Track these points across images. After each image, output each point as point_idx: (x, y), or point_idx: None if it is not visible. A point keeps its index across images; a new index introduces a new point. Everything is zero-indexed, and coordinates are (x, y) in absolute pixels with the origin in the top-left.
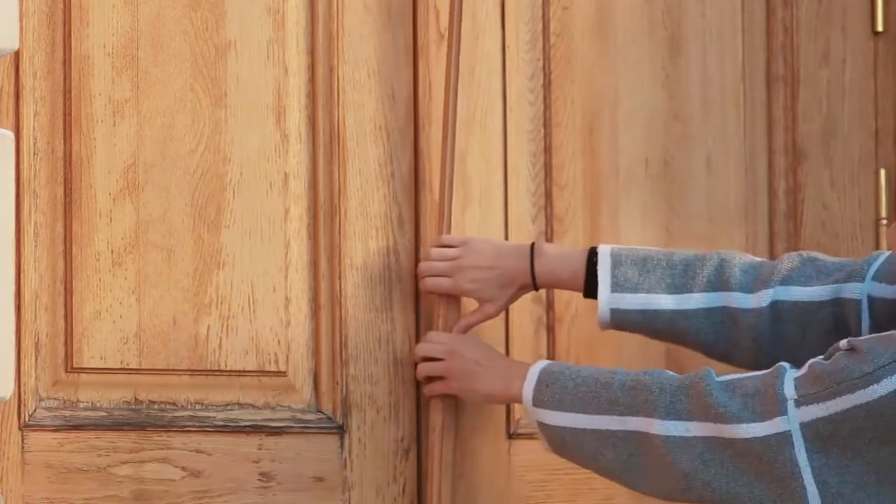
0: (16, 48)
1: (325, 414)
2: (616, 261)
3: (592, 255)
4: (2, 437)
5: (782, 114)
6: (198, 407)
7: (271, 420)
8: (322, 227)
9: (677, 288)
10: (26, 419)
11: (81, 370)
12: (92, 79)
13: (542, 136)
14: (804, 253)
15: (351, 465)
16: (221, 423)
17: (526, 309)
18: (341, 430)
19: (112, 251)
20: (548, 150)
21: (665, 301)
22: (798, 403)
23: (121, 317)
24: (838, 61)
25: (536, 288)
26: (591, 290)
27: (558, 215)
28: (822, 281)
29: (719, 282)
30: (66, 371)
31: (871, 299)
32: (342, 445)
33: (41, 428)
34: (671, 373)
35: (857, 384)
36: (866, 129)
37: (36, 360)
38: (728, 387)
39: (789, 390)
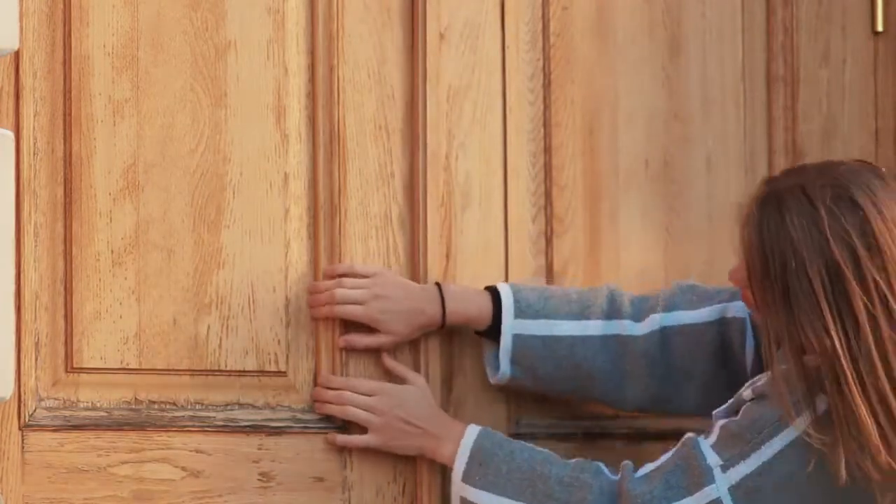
0: (16, 48)
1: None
2: (517, 291)
3: (495, 291)
4: (2, 437)
5: (782, 114)
6: (198, 407)
7: (271, 420)
8: (322, 227)
9: (575, 315)
10: (26, 419)
11: (81, 370)
12: (92, 79)
13: (542, 136)
14: (683, 282)
15: (351, 465)
16: (221, 423)
17: None
18: (341, 431)
19: (112, 251)
20: (548, 150)
21: (566, 327)
22: (724, 468)
23: (121, 317)
24: (838, 61)
25: (443, 326)
26: (496, 323)
27: (558, 215)
28: (706, 303)
29: (612, 310)
30: (66, 371)
31: (753, 318)
32: (342, 445)
33: (41, 428)
34: (604, 470)
35: (778, 427)
36: (866, 129)
37: (36, 360)
38: (646, 479)
39: (712, 459)
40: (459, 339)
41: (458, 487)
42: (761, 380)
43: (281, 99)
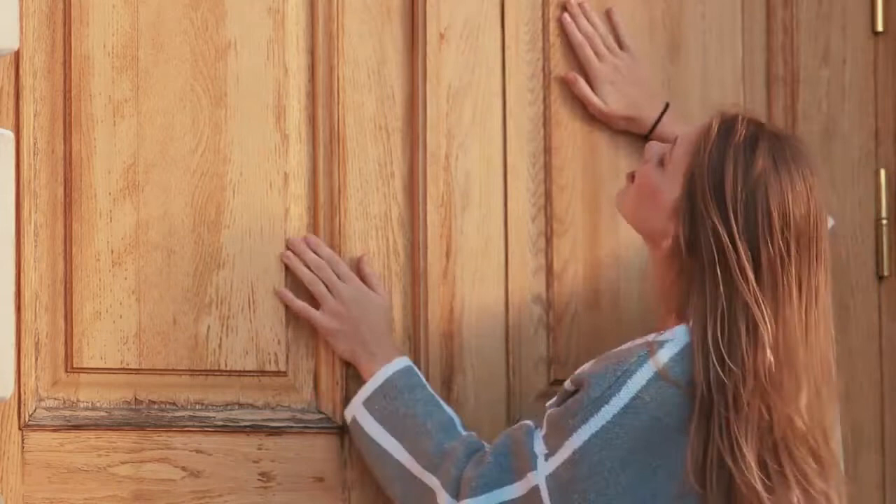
0: (16, 48)
1: (325, 414)
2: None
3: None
4: (2, 437)
5: (782, 114)
6: (198, 407)
7: (271, 420)
8: (322, 227)
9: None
10: (26, 419)
11: (81, 370)
12: (92, 79)
13: (542, 136)
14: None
15: (351, 465)
16: (221, 423)
17: (526, 309)
18: (341, 430)
19: (112, 251)
20: (548, 150)
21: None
22: (546, 456)
23: (121, 317)
24: (838, 61)
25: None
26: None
27: (558, 215)
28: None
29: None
30: (66, 371)
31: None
32: (342, 445)
33: (41, 428)
34: (475, 444)
35: (590, 411)
36: (866, 129)
37: (36, 360)
38: (479, 462)
39: (539, 447)
40: (459, 338)
41: (355, 408)
42: (584, 367)
43: (281, 99)
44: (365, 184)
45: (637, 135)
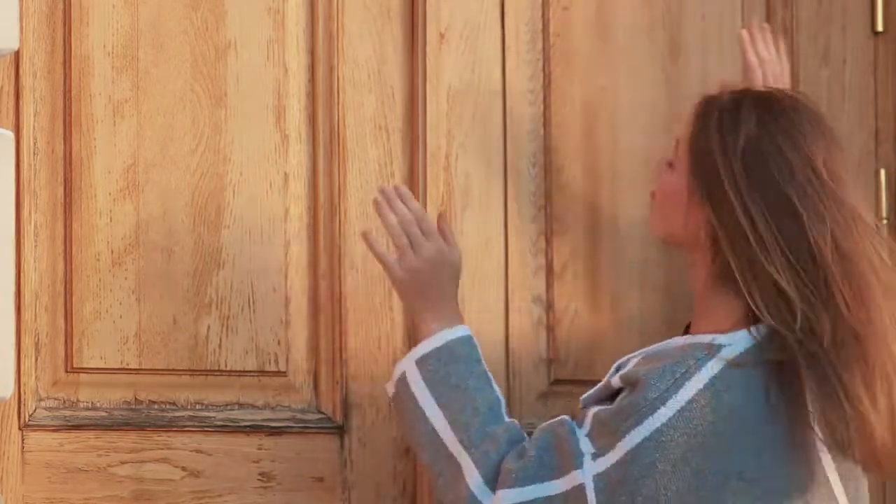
0: (16, 48)
1: (325, 414)
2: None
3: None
4: (2, 437)
5: None
6: (198, 407)
7: (271, 420)
8: (322, 227)
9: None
10: (26, 419)
11: (81, 370)
12: (92, 79)
13: (542, 136)
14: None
15: (351, 465)
16: (221, 423)
17: (526, 309)
18: (341, 430)
19: (112, 251)
20: (548, 150)
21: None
22: (594, 456)
23: (121, 317)
24: (838, 61)
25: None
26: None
27: (558, 215)
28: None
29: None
30: (66, 371)
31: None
32: (342, 445)
33: (41, 428)
34: (518, 434)
35: (645, 413)
36: (866, 129)
37: (36, 360)
38: (520, 455)
39: (585, 446)
40: None
41: (408, 363)
42: (629, 363)
43: (281, 99)
44: (365, 184)
45: (637, 134)
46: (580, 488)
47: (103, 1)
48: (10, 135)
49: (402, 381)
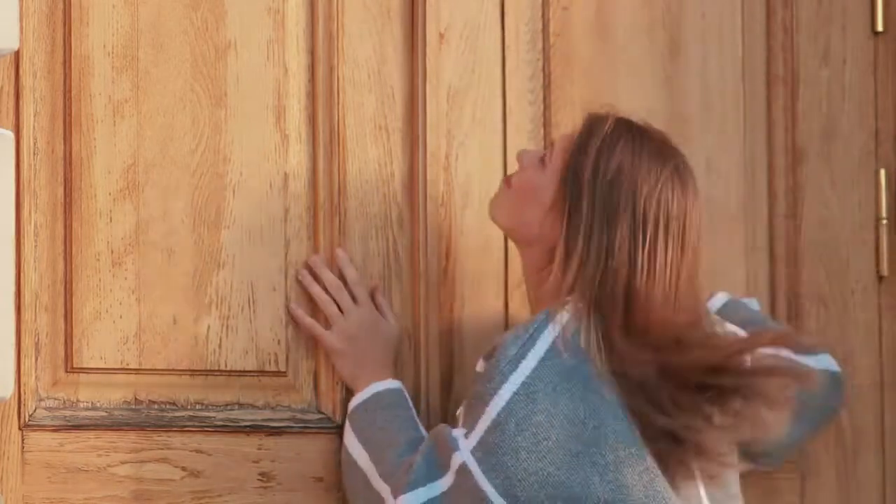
0: (16, 48)
1: (325, 414)
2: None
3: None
4: (2, 437)
5: (782, 114)
6: (198, 407)
7: (271, 420)
8: (322, 227)
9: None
10: (26, 419)
11: (81, 370)
12: (92, 79)
13: (542, 136)
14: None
15: None
16: (221, 423)
17: (526, 309)
18: (341, 430)
19: (112, 251)
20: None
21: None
22: (466, 435)
23: (121, 317)
24: (838, 61)
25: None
26: None
27: None
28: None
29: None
30: (66, 371)
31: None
32: (342, 445)
33: (41, 428)
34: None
35: (508, 370)
36: (866, 129)
37: (36, 360)
38: (409, 469)
39: (457, 432)
40: (459, 338)
41: (348, 418)
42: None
43: (281, 99)
44: (365, 184)
45: None
46: (463, 468)
47: (103, 1)
48: (10, 135)
49: (343, 441)
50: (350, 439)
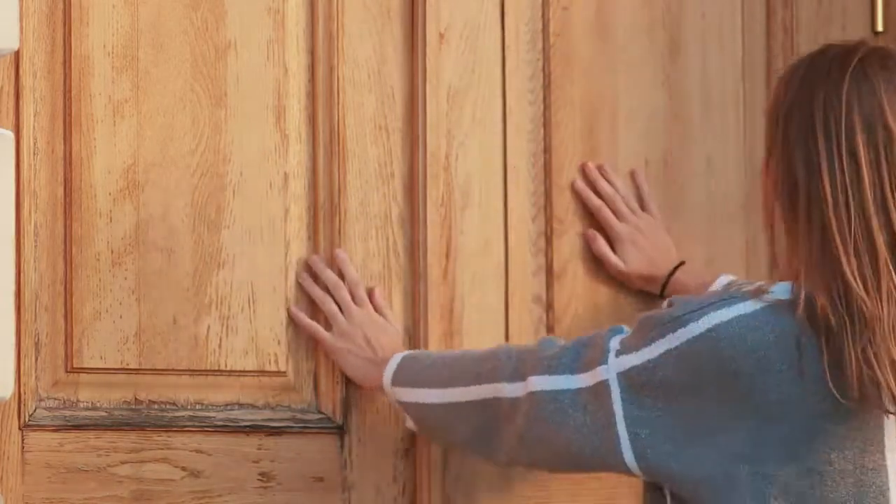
0: (16, 48)
1: (325, 414)
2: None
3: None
4: (2, 437)
5: None
6: (198, 407)
7: (271, 420)
8: (322, 227)
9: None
10: (26, 419)
11: (81, 370)
12: (92, 79)
13: (542, 136)
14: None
15: (351, 465)
16: (221, 423)
17: (526, 309)
18: (341, 430)
19: (112, 251)
20: (548, 150)
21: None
22: (618, 353)
23: (121, 317)
24: None
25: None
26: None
27: (558, 215)
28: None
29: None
30: (66, 371)
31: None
32: (342, 445)
33: (41, 428)
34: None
35: (668, 328)
36: None
37: (36, 360)
38: (559, 346)
39: (614, 343)
40: (459, 338)
41: (390, 393)
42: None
43: (281, 99)
44: (365, 184)
45: (637, 134)
46: (604, 385)
47: (103, 1)
48: (10, 135)
49: (402, 405)
50: (412, 394)
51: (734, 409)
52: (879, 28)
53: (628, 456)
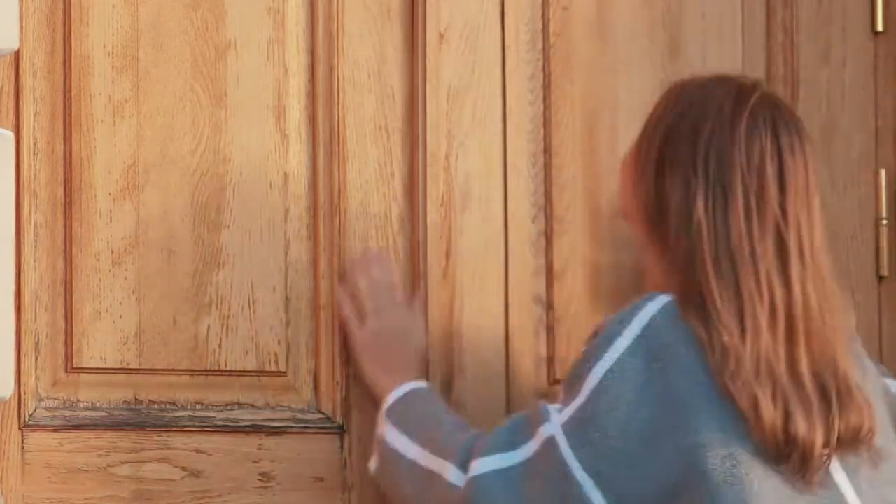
0: (16, 48)
1: (325, 414)
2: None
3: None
4: (2, 437)
5: None
6: (198, 407)
7: (271, 420)
8: (322, 227)
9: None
10: (26, 419)
11: (81, 370)
12: (92, 79)
13: (542, 136)
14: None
15: (351, 465)
16: (221, 423)
17: (526, 309)
18: (341, 430)
19: (112, 251)
20: (548, 150)
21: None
22: (560, 410)
23: (121, 317)
24: (838, 61)
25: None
26: None
27: (558, 215)
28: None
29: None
30: (66, 371)
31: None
32: (342, 445)
33: (41, 428)
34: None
35: (602, 348)
36: (866, 129)
37: (36, 360)
38: (496, 430)
39: (552, 408)
40: (459, 338)
41: (380, 419)
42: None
43: (281, 99)
44: (365, 184)
45: (637, 134)
46: (551, 441)
47: (103, 1)
48: (10, 135)
49: (380, 442)
50: (392, 434)
51: (685, 397)
52: (879, 28)
53: (596, 497)
